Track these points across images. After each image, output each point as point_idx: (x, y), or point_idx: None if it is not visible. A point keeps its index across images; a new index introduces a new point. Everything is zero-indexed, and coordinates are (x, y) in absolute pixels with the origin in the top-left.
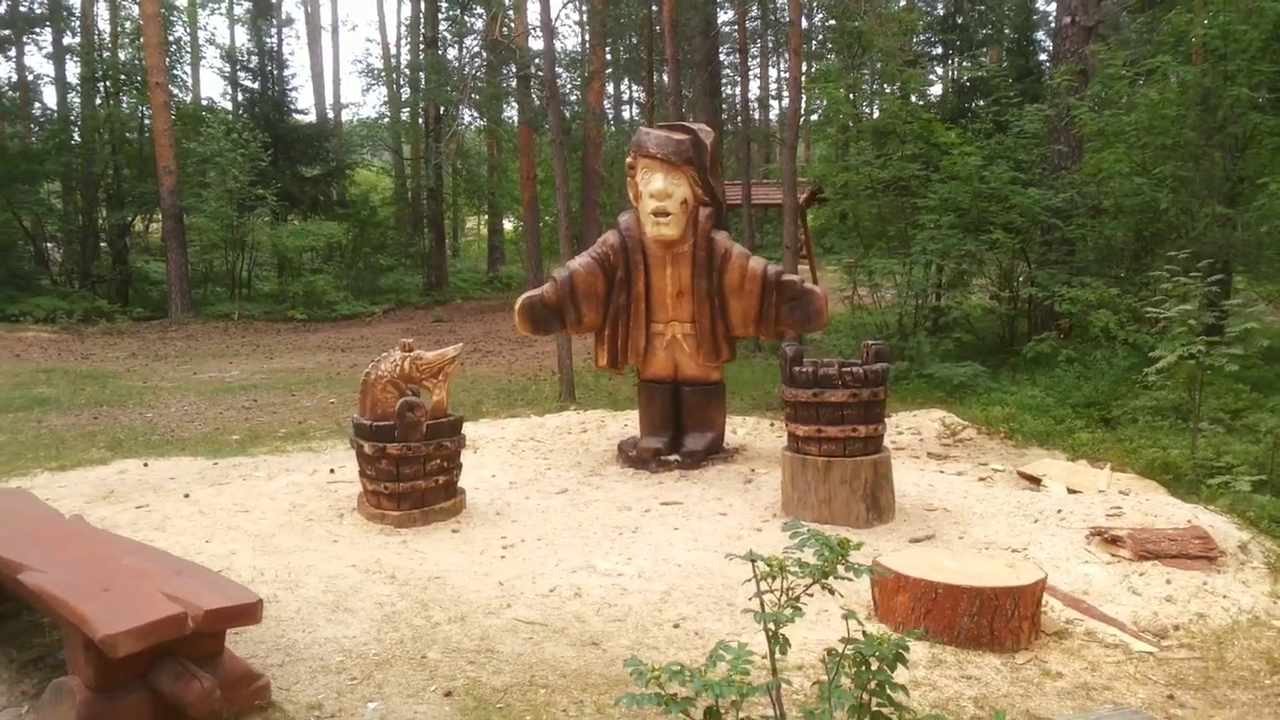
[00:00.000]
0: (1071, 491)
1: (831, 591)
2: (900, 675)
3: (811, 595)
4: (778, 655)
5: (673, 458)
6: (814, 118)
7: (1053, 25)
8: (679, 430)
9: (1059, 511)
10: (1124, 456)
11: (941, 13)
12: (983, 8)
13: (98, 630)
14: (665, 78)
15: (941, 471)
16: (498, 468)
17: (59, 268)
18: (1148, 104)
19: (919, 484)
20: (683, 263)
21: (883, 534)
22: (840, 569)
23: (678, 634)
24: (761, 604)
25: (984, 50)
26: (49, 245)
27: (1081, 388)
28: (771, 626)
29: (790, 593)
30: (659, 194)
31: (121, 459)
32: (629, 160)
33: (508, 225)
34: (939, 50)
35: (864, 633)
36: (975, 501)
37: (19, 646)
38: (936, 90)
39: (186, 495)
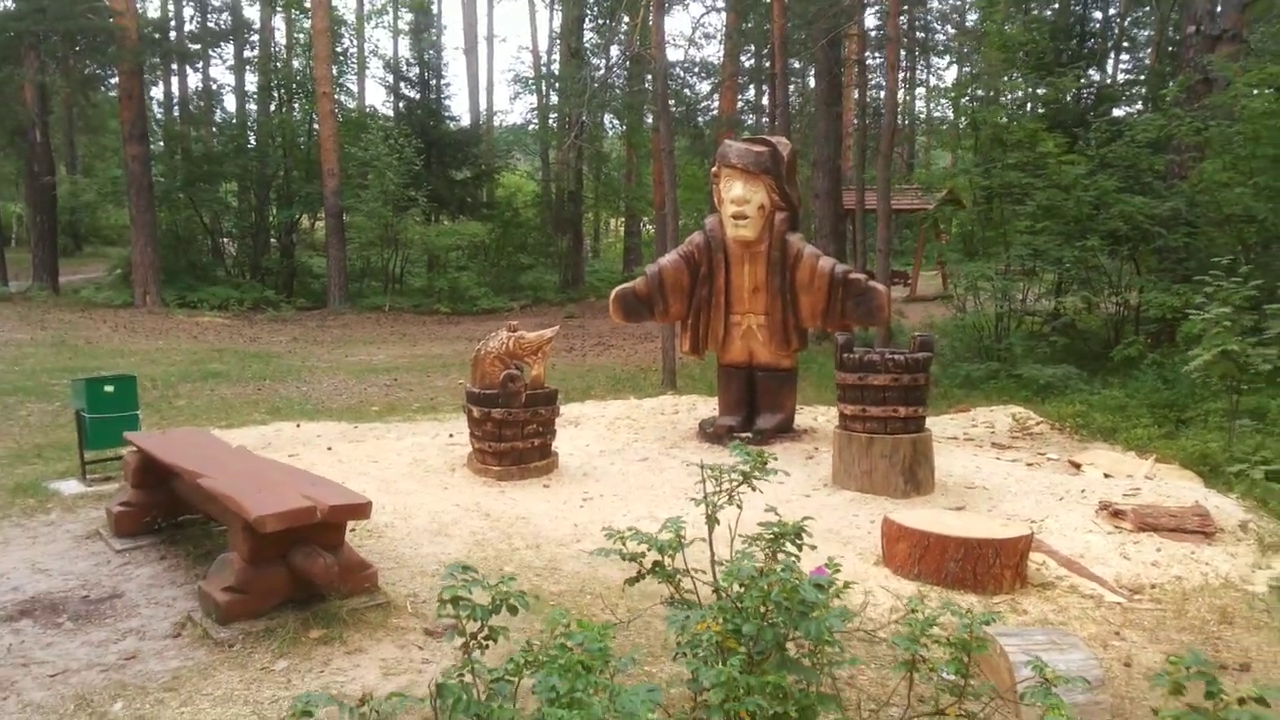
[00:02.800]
0: (1107, 476)
1: (753, 488)
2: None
3: (743, 492)
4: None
5: (745, 435)
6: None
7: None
8: (753, 410)
9: (1083, 491)
10: (1170, 450)
11: (1053, 18)
12: (1114, 14)
13: (252, 513)
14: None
15: (998, 458)
16: (592, 439)
17: (232, 260)
18: (1251, 114)
19: (968, 466)
20: (759, 261)
21: (918, 504)
22: (758, 475)
23: (703, 558)
24: (706, 498)
25: (1106, 56)
26: (225, 240)
27: (1161, 391)
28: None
29: (730, 491)
30: (738, 200)
31: (278, 421)
32: (714, 169)
33: (650, 228)
34: (1065, 57)
35: (783, 526)
36: (1014, 482)
37: (195, 544)
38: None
39: (329, 448)
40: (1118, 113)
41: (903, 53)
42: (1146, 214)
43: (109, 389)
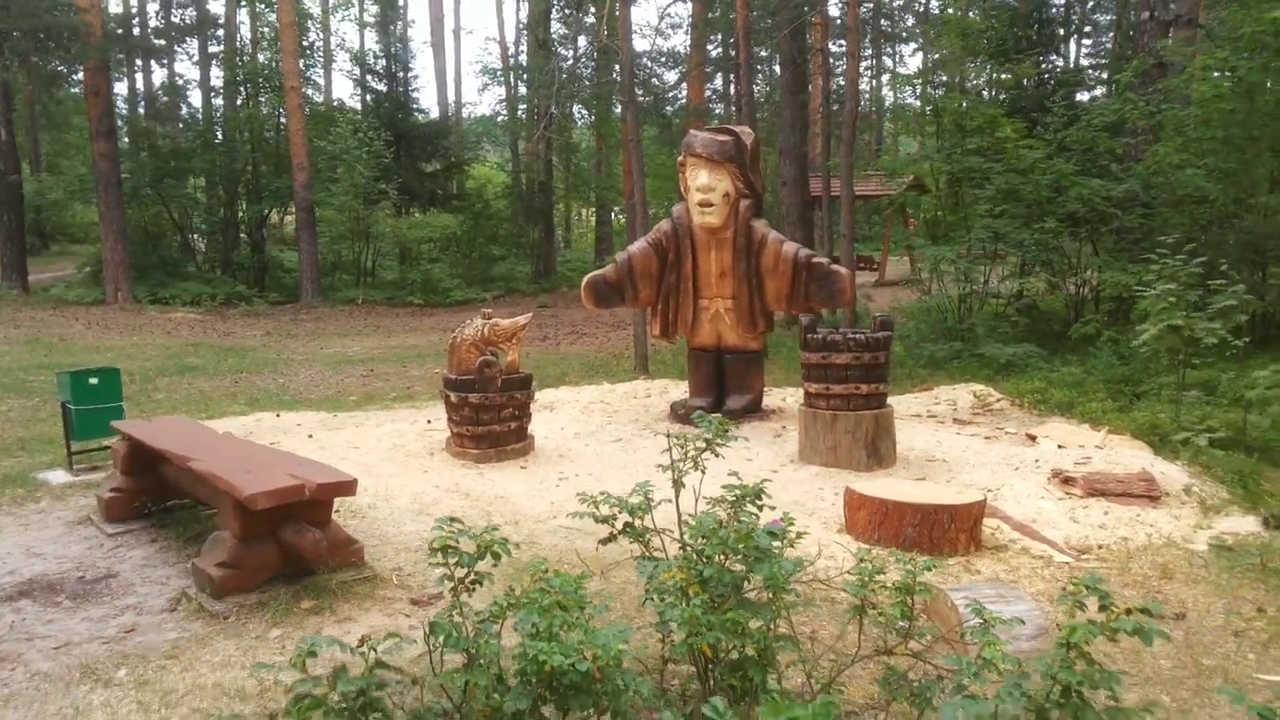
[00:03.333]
0: (1060, 447)
1: (716, 454)
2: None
3: (708, 458)
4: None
5: (714, 415)
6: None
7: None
8: (722, 392)
9: (1037, 461)
10: (1123, 421)
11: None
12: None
13: (243, 491)
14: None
15: (958, 433)
16: (567, 422)
17: (203, 256)
18: (1201, 98)
19: (929, 440)
20: (725, 247)
21: (880, 476)
22: (720, 442)
23: (671, 520)
24: (673, 464)
25: (1063, 42)
26: (194, 235)
27: (1117, 367)
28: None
29: (695, 457)
30: (704, 188)
31: (258, 412)
32: (680, 158)
33: (621, 218)
34: (1025, 44)
35: (742, 488)
36: (973, 454)
37: (184, 527)
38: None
39: (310, 436)
40: (1082, 97)
41: (867, 40)
42: (1103, 196)
43: (93, 381)
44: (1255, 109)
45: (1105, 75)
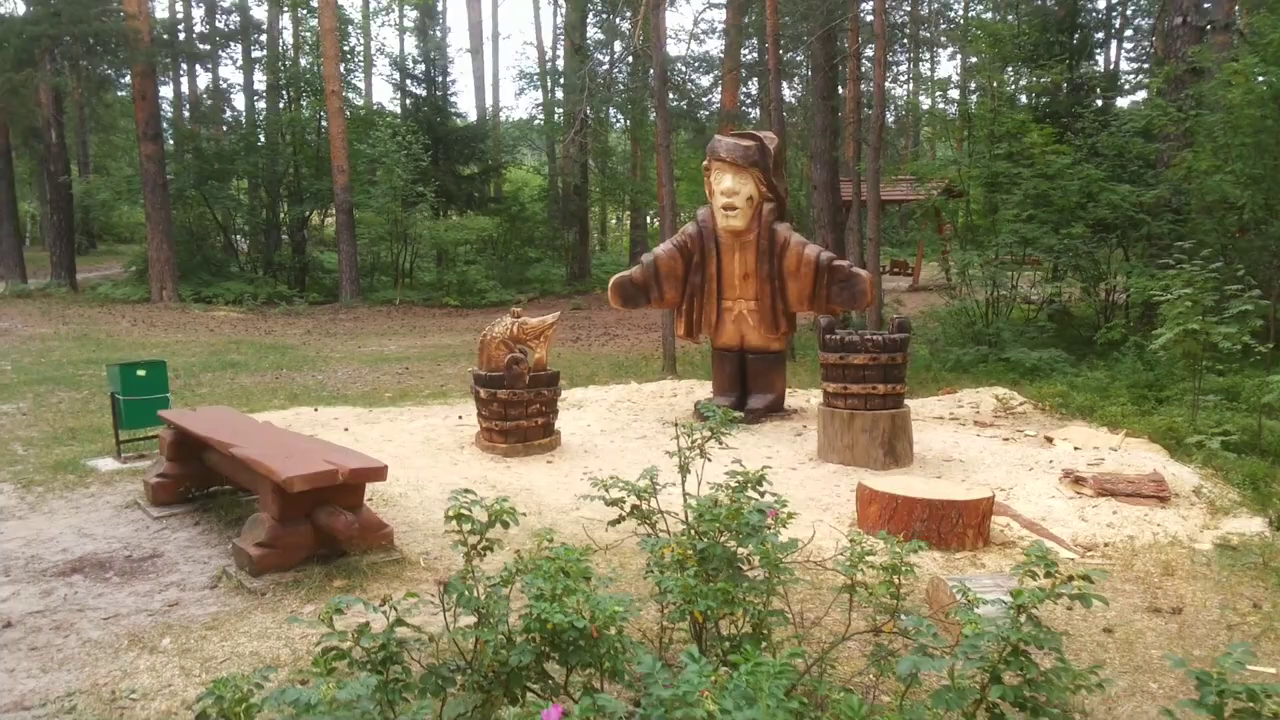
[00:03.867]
0: (1076, 449)
1: (720, 442)
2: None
3: (712, 446)
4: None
5: (737, 414)
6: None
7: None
8: (745, 391)
9: (1051, 462)
10: (1142, 425)
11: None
12: (1115, 2)
13: (280, 475)
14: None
15: (977, 435)
16: (594, 419)
17: (245, 256)
18: (1230, 104)
19: (947, 441)
20: (748, 249)
21: (897, 474)
22: (723, 431)
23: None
24: (679, 450)
25: (1099, 49)
26: (237, 236)
27: (1142, 372)
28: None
29: (700, 445)
30: (728, 191)
31: (297, 406)
32: (705, 163)
33: (656, 221)
34: (1058, 49)
35: (745, 475)
36: (989, 455)
37: (226, 511)
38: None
39: (346, 429)
40: (1123, 102)
41: (899, 46)
42: (1132, 202)
43: (141, 373)
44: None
45: (1144, 80)
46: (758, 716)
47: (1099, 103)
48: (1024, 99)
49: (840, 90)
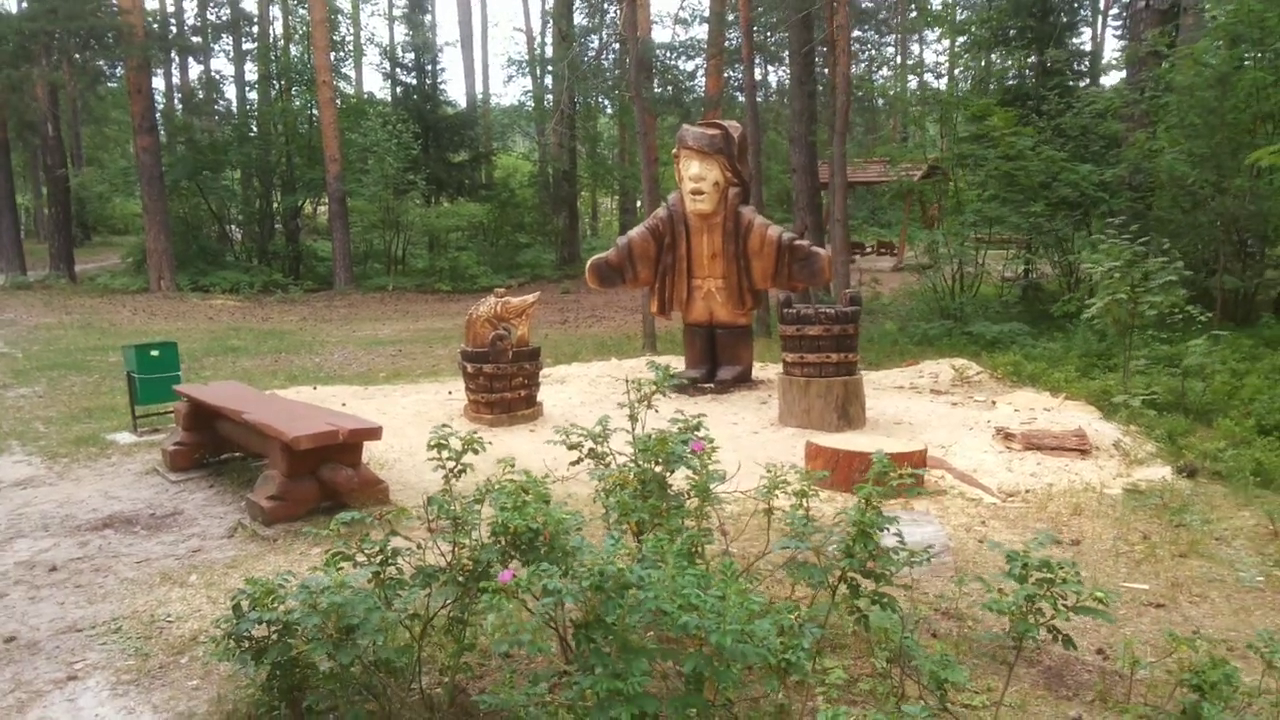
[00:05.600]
0: (1016, 411)
1: (664, 394)
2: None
3: (657, 397)
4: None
5: (707, 385)
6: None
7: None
8: (714, 364)
9: (989, 422)
10: (1081, 389)
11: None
12: None
13: (288, 435)
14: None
15: (931, 401)
16: (576, 393)
17: (240, 246)
18: (1180, 85)
19: (900, 407)
20: (715, 231)
21: (850, 436)
22: (663, 385)
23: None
24: (630, 403)
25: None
26: (232, 226)
27: (1094, 343)
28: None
29: (646, 397)
30: (695, 177)
31: (296, 386)
32: (674, 151)
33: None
34: (1028, 34)
35: (685, 421)
36: (936, 418)
37: (238, 474)
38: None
39: (343, 405)
40: (1109, 80)
41: (881, 29)
42: (1092, 181)
43: (155, 353)
44: (1226, 96)
45: (1114, 61)
46: (654, 570)
47: (1082, 84)
48: (996, 83)
49: (816, 76)
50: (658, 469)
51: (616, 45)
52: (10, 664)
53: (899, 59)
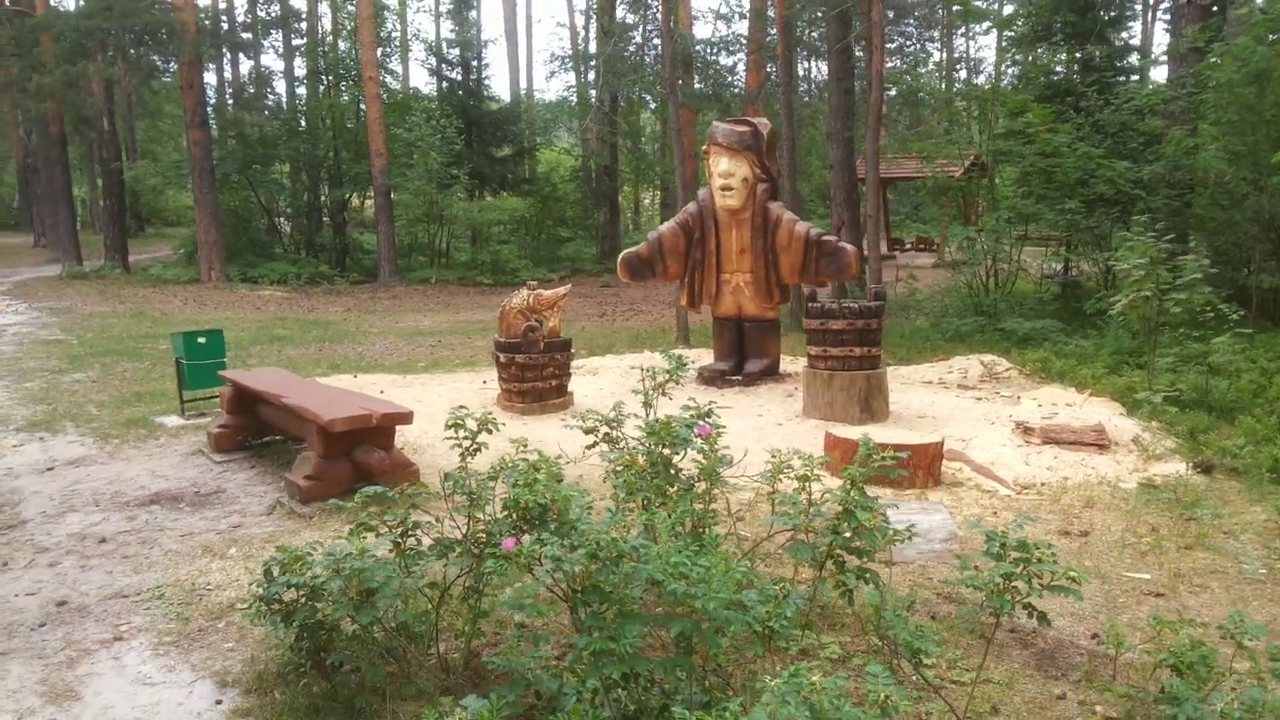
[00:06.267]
0: (1039, 406)
1: (677, 382)
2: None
3: (672, 385)
4: (652, 412)
5: (735, 377)
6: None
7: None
8: (742, 357)
9: (1011, 416)
10: (1107, 386)
11: None
12: None
13: (324, 418)
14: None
15: (957, 396)
16: (607, 383)
17: (289, 238)
18: (1218, 82)
19: (925, 400)
20: (744, 226)
21: (872, 428)
22: (679, 373)
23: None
24: (645, 390)
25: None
26: (280, 219)
27: (1125, 340)
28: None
29: (661, 386)
30: (724, 174)
31: (338, 374)
32: (705, 148)
33: None
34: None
35: (696, 408)
36: (959, 412)
37: (278, 456)
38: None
39: (381, 392)
40: (1158, 74)
41: (920, 24)
42: (1129, 178)
43: (202, 340)
44: (1265, 94)
45: (1158, 57)
46: (648, 543)
47: (1130, 79)
48: (1037, 79)
49: (859, 70)
50: (665, 451)
51: (657, 40)
52: (62, 625)
53: (943, 55)
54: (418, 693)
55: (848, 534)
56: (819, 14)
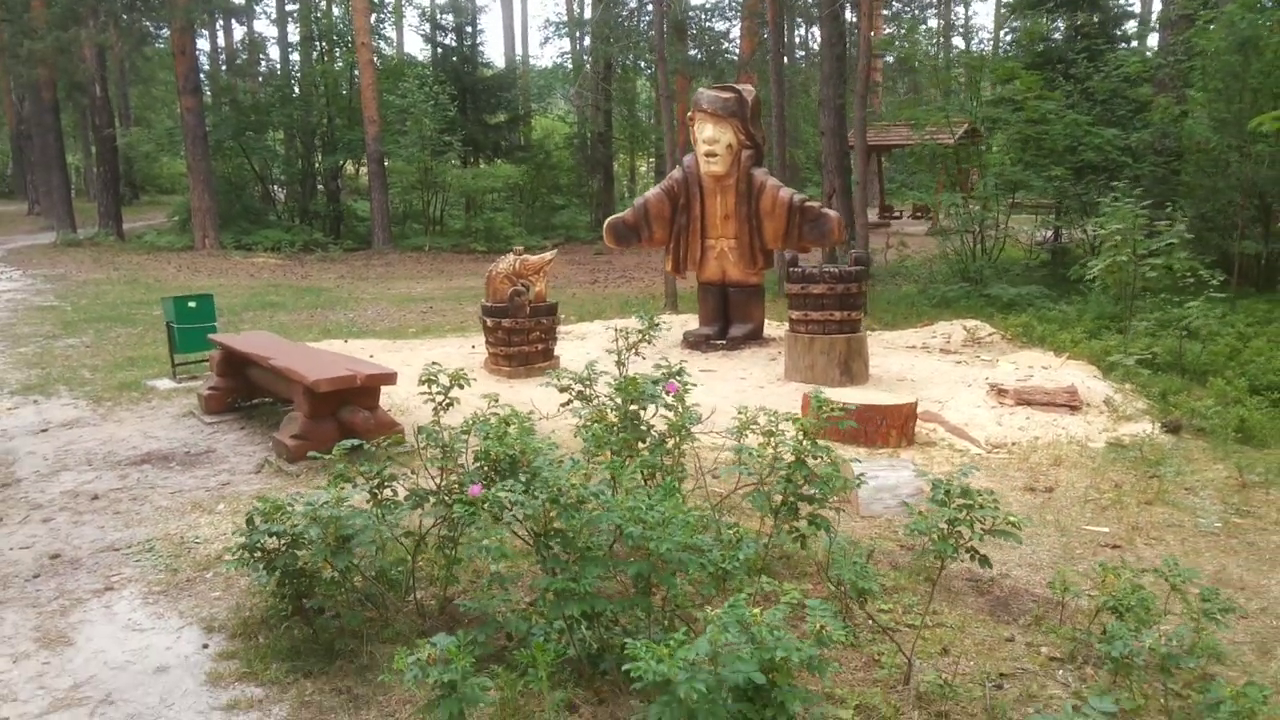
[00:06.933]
0: (1017, 369)
1: (649, 341)
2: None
3: (643, 344)
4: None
5: (719, 341)
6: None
7: None
8: (727, 322)
9: (987, 379)
10: (1084, 350)
11: None
12: None
13: (309, 379)
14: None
15: (938, 360)
16: (594, 347)
17: (282, 205)
18: (1204, 49)
19: (904, 364)
20: (728, 192)
21: (850, 390)
22: (652, 332)
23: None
24: (617, 351)
25: None
26: (274, 186)
27: (1107, 305)
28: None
29: (634, 346)
30: (709, 140)
31: (329, 339)
32: (690, 114)
33: None
34: None
35: (667, 368)
36: (938, 375)
37: (266, 418)
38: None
39: (371, 356)
40: (1153, 42)
41: None
42: (1116, 145)
43: (192, 305)
44: (1250, 61)
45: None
46: (605, 489)
47: (1125, 46)
48: (1031, 45)
49: (848, 43)
50: (633, 407)
51: (650, 7)
52: (55, 576)
53: (940, 21)
54: (395, 636)
55: (799, 482)
56: None
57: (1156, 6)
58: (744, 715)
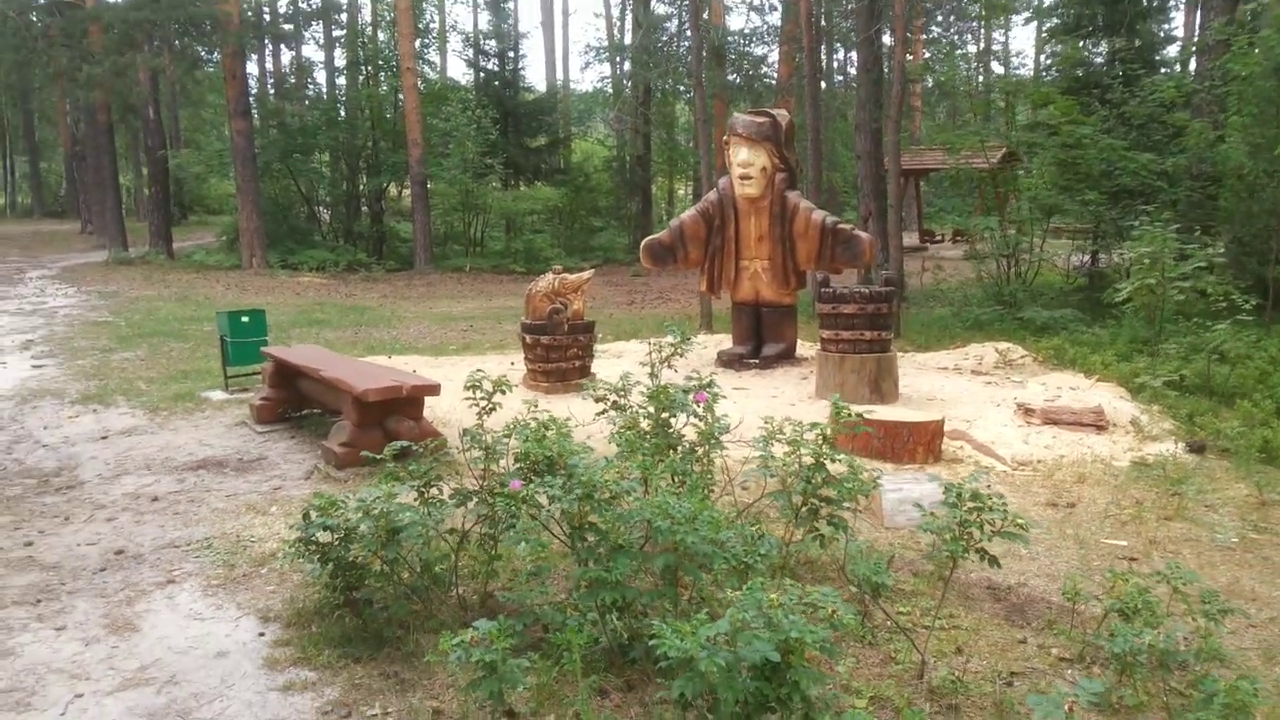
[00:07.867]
0: (1045, 388)
1: (681, 355)
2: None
3: (676, 357)
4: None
5: (753, 360)
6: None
7: None
8: (760, 341)
9: (1015, 399)
10: (1114, 372)
11: None
12: None
13: (358, 389)
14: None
15: (969, 381)
16: (630, 365)
17: (328, 226)
18: (1238, 75)
19: (935, 384)
20: (762, 214)
21: (879, 408)
22: (685, 346)
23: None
24: (651, 363)
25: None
26: (320, 207)
27: (1140, 328)
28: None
29: (667, 359)
30: (744, 163)
31: (373, 355)
32: (725, 137)
33: None
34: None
35: (698, 380)
36: (967, 395)
37: (316, 427)
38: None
39: (414, 371)
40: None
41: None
42: (1152, 170)
43: (245, 319)
44: None
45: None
46: (636, 486)
47: (1163, 71)
48: (1067, 71)
49: (885, 67)
50: (664, 415)
51: (690, 32)
52: (120, 570)
53: (977, 46)
54: (439, 626)
55: (818, 483)
56: (849, 5)
57: (1197, 32)
58: (761, 693)
